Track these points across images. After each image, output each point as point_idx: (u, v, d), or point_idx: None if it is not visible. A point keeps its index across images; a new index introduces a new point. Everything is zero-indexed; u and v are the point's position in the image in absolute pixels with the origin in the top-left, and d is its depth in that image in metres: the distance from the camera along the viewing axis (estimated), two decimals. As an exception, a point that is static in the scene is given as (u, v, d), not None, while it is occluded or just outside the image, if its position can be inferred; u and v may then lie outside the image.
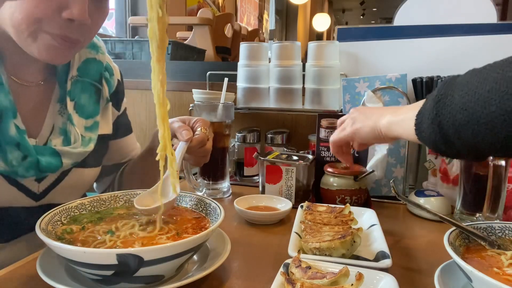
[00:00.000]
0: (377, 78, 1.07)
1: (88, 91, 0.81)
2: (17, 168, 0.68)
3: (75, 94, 0.79)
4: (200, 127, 0.82)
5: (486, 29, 1.09)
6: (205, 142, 0.81)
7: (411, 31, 1.16)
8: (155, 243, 0.55)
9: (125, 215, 0.66)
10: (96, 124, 0.82)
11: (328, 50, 1.18)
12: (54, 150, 0.73)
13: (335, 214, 0.77)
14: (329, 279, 0.50)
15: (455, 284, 0.55)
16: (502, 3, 4.71)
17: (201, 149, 0.81)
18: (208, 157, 0.85)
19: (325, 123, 1.01)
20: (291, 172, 0.98)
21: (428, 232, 0.85)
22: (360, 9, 9.15)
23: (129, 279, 0.51)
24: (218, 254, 0.61)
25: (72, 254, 0.49)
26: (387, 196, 1.07)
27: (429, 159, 1.06)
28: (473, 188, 0.86)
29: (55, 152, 0.73)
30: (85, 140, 0.78)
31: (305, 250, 0.64)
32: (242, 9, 5.67)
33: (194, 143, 0.78)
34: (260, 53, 1.25)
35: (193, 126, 0.83)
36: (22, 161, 0.68)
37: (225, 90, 1.07)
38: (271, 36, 6.80)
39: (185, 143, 0.76)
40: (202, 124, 0.83)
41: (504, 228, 0.61)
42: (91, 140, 0.79)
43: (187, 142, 0.76)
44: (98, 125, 0.82)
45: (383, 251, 0.63)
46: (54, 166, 0.72)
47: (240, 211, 0.86)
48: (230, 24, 2.60)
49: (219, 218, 0.60)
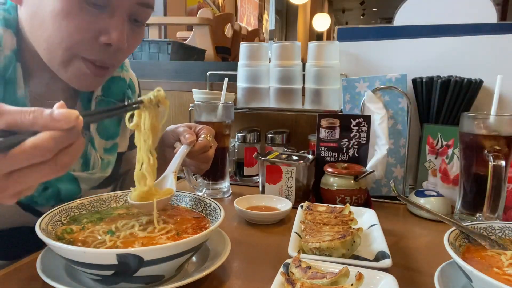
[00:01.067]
0: (377, 78, 1.07)
1: None
2: (37, 198, 0.68)
3: None
4: (204, 134, 0.82)
5: (486, 29, 1.09)
6: (207, 148, 0.81)
7: (411, 31, 1.16)
8: (155, 243, 0.55)
9: (125, 215, 0.66)
10: (115, 146, 0.82)
11: (328, 50, 1.18)
12: (72, 176, 0.72)
13: (335, 214, 0.77)
14: (329, 279, 0.50)
15: (455, 284, 0.55)
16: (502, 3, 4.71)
17: (203, 155, 0.81)
18: (209, 164, 0.85)
19: (325, 123, 1.01)
20: (291, 172, 0.98)
21: (428, 232, 0.85)
22: (360, 9, 9.15)
23: (129, 279, 0.51)
24: (218, 254, 0.61)
25: (72, 254, 0.49)
26: (387, 196, 1.07)
27: (429, 159, 1.06)
28: (473, 188, 0.86)
29: (74, 178, 0.72)
30: (104, 164, 0.78)
31: (305, 250, 0.64)
32: (242, 9, 5.67)
33: (196, 148, 0.78)
34: (260, 53, 1.24)
35: (198, 133, 0.83)
36: (43, 191, 0.68)
37: (225, 90, 1.07)
38: (271, 36, 6.80)
39: (186, 146, 0.77)
40: (206, 131, 0.83)
41: (504, 228, 0.61)
42: (109, 164, 0.80)
43: (189, 145, 0.77)
44: (117, 147, 0.83)
45: (383, 251, 0.63)
46: (73, 193, 0.72)
47: (240, 211, 0.86)
48: (230, 24, 2.60)
49: (219, 218, 0.60)
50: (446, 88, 1.04)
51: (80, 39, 0.63)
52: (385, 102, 1.06)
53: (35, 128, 0.39)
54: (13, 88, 0.67)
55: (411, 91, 1.09)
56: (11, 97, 0.67)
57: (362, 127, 1.00)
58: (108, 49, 0.66)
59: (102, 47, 0.65)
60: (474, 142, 0.83)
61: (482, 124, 0.83)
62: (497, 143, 0.80)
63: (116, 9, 0.64)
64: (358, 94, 1.09)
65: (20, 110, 0.39)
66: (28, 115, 0.39)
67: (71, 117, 0.40)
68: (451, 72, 1.08)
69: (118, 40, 0.65)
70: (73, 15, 0.61)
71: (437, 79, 1.05)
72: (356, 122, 1.00)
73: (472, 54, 1.10)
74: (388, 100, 1.07)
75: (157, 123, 0.62)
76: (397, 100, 1.06)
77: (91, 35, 0.64)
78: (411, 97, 1.08)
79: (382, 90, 1.07)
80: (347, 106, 1.11)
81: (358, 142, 1.00)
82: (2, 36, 0.67)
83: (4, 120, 0.39)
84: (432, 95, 1.06)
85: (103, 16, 0.64)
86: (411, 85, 1.10)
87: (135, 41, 0.71)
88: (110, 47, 0.66)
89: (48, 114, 0.40)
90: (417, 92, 1.10)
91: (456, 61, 1.11)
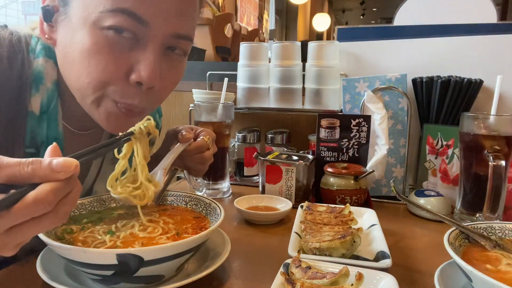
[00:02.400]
0: (377, 78, 1.07)
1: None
2: None
3: None
4: (203, 136, 0.81)
5: (486, 29, 1.09)
6: (204, 149, 0.80)
7: (411, 31, 1.16)
8: (155, 243, 0.55)
9: (125, 215, 0.66)
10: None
11: (328, 50, 1.18)
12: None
13: (335, 214, 0.77)
14: (329, 279, 0.50)
15: (455, 284, 0.55)
16: (502, 3, 4.71)
17: (198, 155, 0.79)
18: (206, 166, 0.83)
19: (325, 123, 1.01)
20: (291, 172, 0.98)
21: (428, 232, 0.85)
22: (360, 9, 9.15)
23: (129, 279, 0.51)
24: (218, 254, 0.61)
25: (72, 254, 0.49)
26: (387, 196, 1.07)
27: (429, 159, 1.06)
28: (473, 188, 0.86)
29: None
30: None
31: (305, 250, 0.64)
32: (242, 9, 5.67)
33: (192, 147, 0.77)
34: (260, 53, 1.24)
35: (198, 134, 0.82)
36: None
37: (225, 90, 1.07)
38: (271, 36, 6.80)
39: (181, 145, 0.75)
40: (206, 133, 0.82)
41: (504, 228, 0.61)
42: None
43: (183, 143, 0.76)
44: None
45: (383, 251, 0.63)
46: None
47: (240, 211, 0.86)
48: (230, 24, 2.60)
49: (219, 218, 0.60)
50: (446, 88, 1.04)
51: (108, 78, 0.59)
52: (385, 102, 1.06)
53: (35, 180, 0.39)
54: (55, 124, 0.66)
55: (411, 91, 1.09)
56: (53, 133, 0.66)
57: (362, 127, 1.00)
58: (139, 89, 0.60)
59: (133, 88, 0.60)
60: (474, 142, 0.83)
61: (482, 124, 0.83)
62: (497, 143, 0.80)
63: (149, 42, 0.58)
64: (358, 94, 1.09)
65: (19, 162, 0.39)
66: (26, 167, 0.39)
67: (71, 167, 0.40)
68: (451, 72, 1.08)
69: (148, 77, 0.58)
70: (102, 52, 0.57)
71: (437, 79, 1.05)
72: (356, 122, 1.00)
73: (472, 54, 1.10)
74: (388, 100, 1.07)
75: (147, 153, 0.61)
76: (397, 100, 1.06)
77: (121, 73, 0.59)
78: (411, 97, 1.08)
79: (382, 90, 1.07)
80: (347, 106, 1.11)
81: (358, 142, 1.00)
82: (45, 67, 0.66)
83: (4, 174, 0.38)
84: (432, 95, 1.06)
85: (135, 51, 0.59)
86: (411, 85, 1.10)
87: (174, 76, 0.65)
88: (142, 86, 0.60)
89: (46, 164, 0.39)
90: (417, 92, 1.10)
91: (456, 61, 1.11)
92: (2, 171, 0.38)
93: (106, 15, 0.56)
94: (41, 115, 0.65)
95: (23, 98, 0.63)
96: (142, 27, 0.57)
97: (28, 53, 0.66)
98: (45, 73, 0.66)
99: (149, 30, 0.58)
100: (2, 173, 0.38)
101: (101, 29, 0.57)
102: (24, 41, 0.67)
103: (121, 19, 0.56)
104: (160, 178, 0.67)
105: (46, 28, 0.63)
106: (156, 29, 0.58)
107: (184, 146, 0.75)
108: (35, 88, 0.65)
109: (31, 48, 0.67)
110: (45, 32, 0.64)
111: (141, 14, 0.56)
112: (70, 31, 0.60)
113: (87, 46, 0.57)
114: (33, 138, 0.65)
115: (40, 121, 0.65)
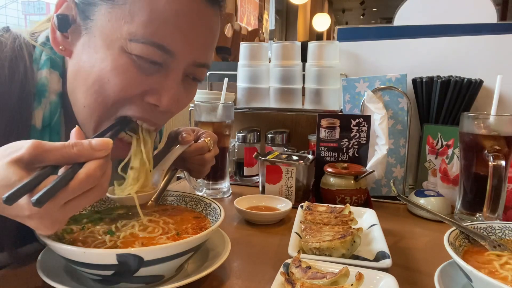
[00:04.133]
0: (377, 78, 1.07)
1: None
2: None
3: None
4: (204, 138, 0.80)
5: (486, 29, 1.09)
6: (204, 151, 0.79)
7: (411, 31, 1.16)
8: (155, 243, 0.55)
9: (125, 215, 0.66)
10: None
11: (328, 50, 1.18)
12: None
13: (335, 214, 0.77)
14: (329, 279, 0.50)
15: (455, 284, 0.55)
16: (502, 3, 4.71)
17: (199, 157, 0.79)
18: (207, 168, 0.82)
19: (325, 123, 1.01)
20: (291, 172, 0.98)
21: (428, 232, 0.85)
22: (360, 9, 9.15)
23: (129, 279, 0.51)
24: (218, 254, 0.61)
25: (72, 254, 0.49)
26: (387, 196, 1.07)
27: (429, 159, 1.06)
28: (473, 188, 0.86)
29: None
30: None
31: (305, 250, 0.64)
32: (242, 9, 5.67)
33: (192, 149, 0.77)
34: (260, 53, 1.25)
35: (199, 136, 0.82)
36: None
37: (225, 90, 1.07)
38: (271, 36, 6.81)
39: (181, 146, 0.75)
40: (207, 135, 0.82)
41: (504, 228, 0.61)
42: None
43: (184, 144, 0.75)
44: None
45: (383, 251, 0.63)
46: None
47: (240, 211, 0.86)
48: (230, 24, 2.60)
49: (219, 218, 0.60)
50: (446, 88, 1.04)
51: (127, 97, 0.58)
52: (385, 102, 1.06)
53: (81, 160, 0.46)
54: (57, 137, 0.65)
55: (411, 91, 1.09)
56: None
57: (362, 127, 1.00)
58: (154, 109, 0.61)
59: (147, 106, 0.60)
60: (474, 142, 0.83)
61: (482, 124, 0.83)
62: (497, 143, 0.80)
63: (172, 70, 0.59)
64: (358, 94, 1.09)
65: (63, 145, 0.46)
66: (72, 148, 0.46)
67: (108, 145, 0.48)
68: (451, 72, 1.08)
69: (167, 105, 0.59)
70: (125, 75, 0.57)
71: (437, 79, 1.05)
72: (356, 122, 1.00)
73: (472, 54, 1.10)
74: (388, 100, 1.07)
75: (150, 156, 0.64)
76: (397, 100, 1.06)
77: (138, 94, 0.59)
78: (411, 97, 1.08)
79: (382, 90, 1.07)
80: (347, 106, 1.11)
81: (358, 142, 1.00)
82: (49, 80, 0.64)
83: (53, 156, 0.45)
84: (432, 95, 1.06)
85: (156, 76, 0.58)
86: (411, 85, 1.10)
87: (187, 99, 0.65)
88: (157, 108, 0.60)
89: (88, 145, 0.47)
90: (417, 92, 1.10)
91: (456, 61, 1.11)
92: (51, 154, 0.45)
93: (136, 45, 0.55)
94: (43, 129, 0.63)
95: (26, 112, 0.61)
96: (169, 57, 0.57)
97: (31, 63, 0.64)
98: (49, 86, 0.64)
99: (174, 59, 0.58)
100: (51, 156, 0.45)
101: (128, 55, 0.56)
102: (26, 49, 0.64)
103: (151, 50, 0.56)
104: (158, 179, 0.67)
105: (59, 38, 0.61)
106: (181, 59, 0.58)
107: (184, 148, 0.75)
108: (37, 101, 0.62)
109: (35, 58, 0.65)
110: (58, 43, 0.61)
111: (170, 47, 0.56)
112: (91, 48, 0.58)
113: (110, 67, 0.56)
114: None
115: (42, 135, 0.63)
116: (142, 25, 0.54)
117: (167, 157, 0.72)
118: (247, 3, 5.90)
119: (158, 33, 0.55)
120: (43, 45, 0.66)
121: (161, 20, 0.55)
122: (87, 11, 0.58)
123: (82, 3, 0.58)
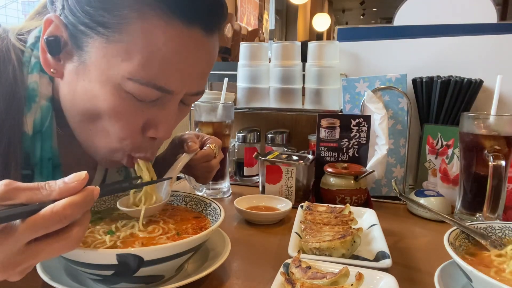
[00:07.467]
0: (377, 78, 1.07)
1: None
2: None
3: None
4: (209, 144, 0.80)
5: (486, 29, 1.09)
6: (211, 158, 0.79)
7: (411, 31, 1.16)
8: (155, 243, 0.55)
9: (125, 215, 0.66)
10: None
11: (328, 50, 1.18)
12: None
13: (335, 214, 0.77)
14: (329, 279, 0.50)
15: (455, 284, 0.55)
16: (502, 3, 4.71)
17: (205, 164, 0.79)
18: (212, 174, 0.82)
19: (325, 123, 1.01)
20: (291, 172, 0.98)
21: (428, 232, 0.85)
22: (360, 9, 9.16)
23: (129, 279, 0.51)
24: (218, 254, 0.61)
25: (72, 254, 0.49)
26: (387, 196, 1.07)
27: (429, 159, 1.06)
28: (473, 188, 0.86)
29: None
30: None
31: (305, 250, 0.64)
32: (242, 9, 5.67)
33: (199, 156, 0.76)
34: (260, 53, 1.24)
35: (204, 142, 0.81)
36: None
37: (225, 90, 1.07)
38: (271, 36, 6.81)
39: (188, 155, 0.75)
40: (212, 141, 0.81)
41: (504, 228, 0.61)
42: None
43: (190, 153, 0.75)
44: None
45: (383, 251, 0.63)
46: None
47: (240, 211, 0.86)
48: (230, 24, 2.60)
49: (219, 218, 0.60)
50: (446, 88, 1.04)
51: (126, 137, 0.58)
52: (385, 102, 1.06)
53: (52, 197, 0.41)
54: (49, 143, 0.63)
55: (411, 91, 1.09)
56: (47, 154, 0.62)
57: (362, 127, 1.00)
58: (153, 142, 0.61)
59: (146, 141, 0.60)
60: (474, 142, 0.83)
61: (482, 124, 0.83)
62: (497, 143, 0.80)
63: (169, 102, 0.58)
64: (358, 94, 1.09)
65: (37, 184, 0.41)
66: (44, 184, 0.42)
67: (81, 176, 0.43)
68: (451, 72, 1.08)
69: (165, 136, 0.60)
70: (122, 112, 0.56)
71: (437, 79, 1.05)
72: (356, 122, 1.00)
73: (472, 54, 1.10)
74: (388, 100, 1.07)
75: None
76: (397, 100, 1.06)
77: (138, 130, 0.58)
78: (411, 97, 1.08)
79: (382, 90, 1.07)
80: (347, 106, 1.11)
81: (358, 142, 1.00)
82: (39, 84, 0.61)
83: (24, 196, 0.40)
84: (432, 95, 1.06)
85: (153, 108, 0.58)
86: (411, 85, 1.10)
87: (178, 120, 0.65)
88: (155, 140, 0.61)
89: (61, 181, 0.42)
90: (417, 92, 1.10)
91: (456, 61, 1.11)
92: (23, 194, 0.40)
93: (134, 85, 0.53)
94: (35, 135, 0.61)
95: (17, 117, 0.59)
96: (167, 94, 0.57)
97: (21, 66, 0.61)
98: (39, 91, 0.61)
99: (172, 95, 0.57)
100: (23, 196, 0.40)
101: (126, 92, 0.54)
102: (14, 52, 0.61)
103: (150, 91, 0.54)
104: (165, 189, 0.67)
105: (51, 61, 0.58)
106: (178, 92, 0.58)
107: (191, 156, 0.75)
108: (28, 107, 0.60)
109: (24, 61, 0.62)
110: (50, 65, 0.58)
111: (169, 87, 0.55)
112: (86, 82, 0.56)
113: (107, 106, 0.55)
114: (27, 159, 0.61)
115: (34, 141, 0.61)
116: (141, 66, 0.52)
117: (174, 166, 0.72)
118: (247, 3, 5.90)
119: (158, 76, 0.54)
120: (32, 46, 0.63)
121: (161, 61, 0.53)
122: (79, 40, 0.55)
123: (71, 25, 0.55)
